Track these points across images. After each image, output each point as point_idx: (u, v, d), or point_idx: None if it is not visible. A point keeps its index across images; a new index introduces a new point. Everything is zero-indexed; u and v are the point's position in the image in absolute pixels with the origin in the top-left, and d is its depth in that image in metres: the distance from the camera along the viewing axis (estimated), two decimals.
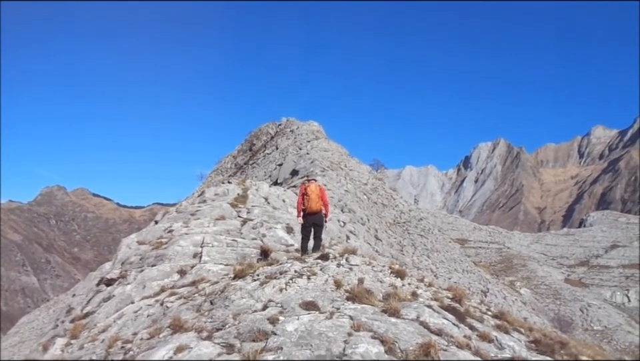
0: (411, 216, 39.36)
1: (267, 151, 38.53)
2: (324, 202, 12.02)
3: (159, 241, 12.66)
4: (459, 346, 7.34)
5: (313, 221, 11.88)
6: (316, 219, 11.91)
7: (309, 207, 11.69)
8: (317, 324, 7.43)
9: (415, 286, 10.25)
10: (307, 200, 11.71)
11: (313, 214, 11.82)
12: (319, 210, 11.84)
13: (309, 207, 11.70)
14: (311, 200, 11.70)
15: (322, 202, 11.91)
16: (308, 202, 11.69)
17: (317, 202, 11.77)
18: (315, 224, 11.93)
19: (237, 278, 9.63)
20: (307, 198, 11.72)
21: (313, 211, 11.78)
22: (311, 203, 11.69)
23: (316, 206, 11.76)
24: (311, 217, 11.83)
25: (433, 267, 32.48)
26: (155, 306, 9.76)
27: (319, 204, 11.84)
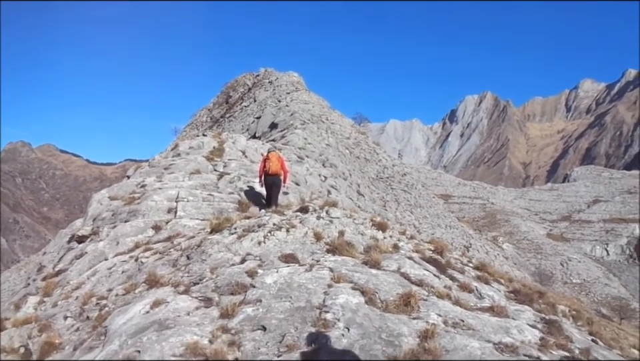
0: (394, 171, 39.35)
1: (244, 104, 37.61)
2: (283, 169, 13.42)
3: (132, 196, 12.26)
4: (440, 295, 7.28)
5: (271, 182, 13.10)
6: (274, 180, 13.13)
7: (269, 168, 12.98)
8: (297, 276, 7.29)
9: (397, 239, 10.15)
10: (268, 163, 13.01)
11: (272, 176, 13.05)
12: (277, 172, 13.11)
13: (269, 168, 12.99)
14: (271, 162, 13.03)
15: (281, 168, 13.28)
16: (268, 165, 12.99)
17: (276, 165, 13.12)
18: (273, 184, 13.13)
19: (213, 232, 9.39)
20: (268, 161, 13.03)
21: (272, 172, 13.03)
22: (270, 165, 12.99)
23: (274, 168, 13.08)
24: (269, 178, 13.06)
25: (416, 223, 32.73)
26: (129, 262, 9.50)
27: (278, 167, 13.17)
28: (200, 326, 6.22)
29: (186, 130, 44.16)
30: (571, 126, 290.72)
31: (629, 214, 77.46)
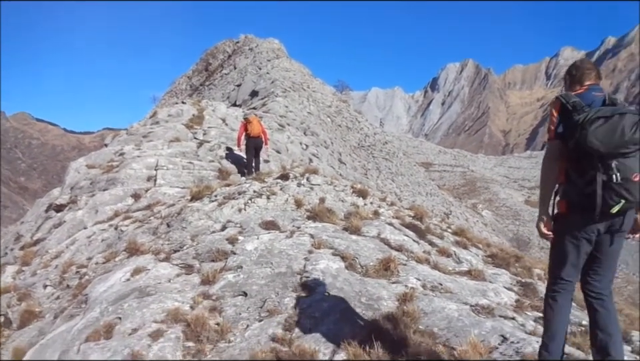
0: (375, 140, 39.34)
1: (224, 71, 36.94)
2: (264, 132, 13.54)
3: (110, 165, 12.09)
4: (419, 260, 7.39)
5: (254, 144, 13.24)
6: (257, 143, 13.27)
7: (252, 131, 13.11)
8: (277, 243, 7.34)
9: (377, 205, 10.22)
10: (250, 126, 13.13)
11: (255, 138, 13.19)
12: (259, 134, 13.28)
13: (251, 131, 13.11)
14: (253, 125, 13.17)
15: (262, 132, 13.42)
16: (250, 128, 13.10)
17: (257, 127, 13.29)
18: (256, 147, 13.28)
19: (194, 199, 9.35)
20: (250, 125, 13.16)
21: (255, 135, 13.18)
22: (252, 127, 13.12)
23: (257, 130, 13.25)
24: (252, 140, 13.18)
25: (397, 190, 32.94)
26: (109, 230, 9.43)
27: (260, 130, 13.34)
28: (181, 293, 6.24)
29: (165, 98, 43.35)
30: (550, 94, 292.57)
31: None
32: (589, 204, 2.92)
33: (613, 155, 2.83)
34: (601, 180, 2.84)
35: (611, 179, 2.82)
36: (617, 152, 2.82)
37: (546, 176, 3.23)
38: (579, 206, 3.02)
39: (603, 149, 2.82)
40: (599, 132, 2.82)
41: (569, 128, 3.01)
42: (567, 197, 3.12)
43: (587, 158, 2.91)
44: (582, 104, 3.03)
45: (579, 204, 3.01)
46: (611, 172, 2.82)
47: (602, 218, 2.96)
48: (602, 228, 3.04)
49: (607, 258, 3.18)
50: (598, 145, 2.83)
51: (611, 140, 2.81)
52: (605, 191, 2.85)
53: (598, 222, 2.99)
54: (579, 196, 2.99)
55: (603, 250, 3.15)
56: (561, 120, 3.11)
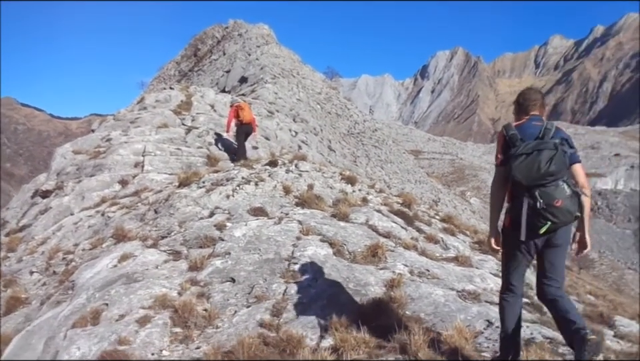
0: (365, 127, 39.29)
1: (213, 57, 36.54)
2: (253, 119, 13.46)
3: (97, 150, 11.96)
4: (406, 247, 7.43)
5: (246, 130, 13.16)
6: (248, 129, 13.22)
7: (244, 117, 12.96)
8: (266, 229, 7.34)
9: (366, 192, 10.23)
10: (242, 112, 12.97)
11: (247, 125, 13.10)
12: (250, 121, 13.20)
13: (243, 117, 12.95)
14: (245, 111, 13.05)
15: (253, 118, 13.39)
16: (242, 114, 12.95)
17: (250, 114, 13.25)
18: (247, 133, 13.24)
19: (181, 186, 9.30)
20: (242, 111, 12.98)
21: (247, 121, 13.07)
22: (245, 114, 12.99)
23: (249, 117, 13.17)
24: (245, 126, 13.07)
25: (386, 178, 33.01)
26: (95, 216, 9.37)
27: (252, 116, 13.33)
28: (169, 279, 6.23)
29: (153, 84, 42.84)
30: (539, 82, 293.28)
31: (591, 169, 79.82)
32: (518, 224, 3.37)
33: (535, 185, 3.30)
34: (527, 205, 3.32)
35: (536, 205, 3.28)
36: (536, 183, 3.29)
37: (493, 198, 3.74)
38: (513, 224, 3.45)
39: (524, 182, 3.31)
40: (520, 168, 3.32)
41: (507, 159, 3.47)
42: (511, 214, 3.51)
43: (518, 186, 3.40)
44: (516, 138, 3.46)
45: (513, 222, 3.45)
46: (535, 199, 3.28)
47: (535, 236, 3.40)
48: (539, 242, 3.47)
49: (553, 267, 3.55)
50: (520, 178, 3.32)
51: (530, 174, 3.29)
52: (534, 214, 3.31)
53: (532, 238, 3.42)
54: (517, 215, 3.42)
55: (547, 261, 3.54)
56: (503, 150, 3.58)
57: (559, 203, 3.27)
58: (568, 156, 3.41)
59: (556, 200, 3.27)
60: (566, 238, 3.49)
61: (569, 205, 3.31)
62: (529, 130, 3.53)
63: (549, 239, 3.45)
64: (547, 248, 3.49)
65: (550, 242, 3.47)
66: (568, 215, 3.33)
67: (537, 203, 3.28)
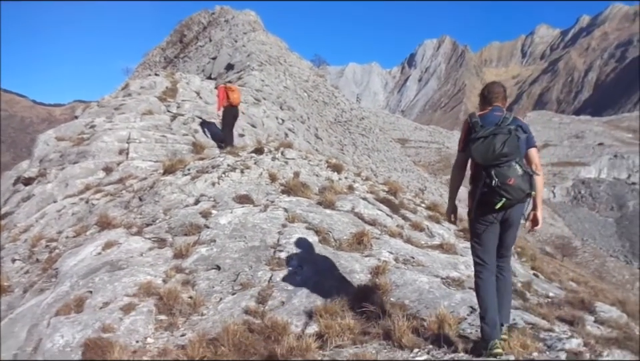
0: (352, 115, 39.24)
1: (199, 43, 36.09)
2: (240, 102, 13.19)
3: (80, 137, 11.79)
4: (392, 234, 7.47)
5: (235, 112, 12.86)
6: (236, 112, 12.92)
7: (234, 99, 12.61)
8: (251, 217, 7.32)
9: (352, 180, 10.25)
10: (232, 94, 12.62)
11: (235, 107, 12.78)
12: (238, 103, 12.90)
13: (234, 100, 12.60)
14: (235, 93, 12.69)
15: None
16: (233, 96, 12.59)
17: (239, 96, 12.87)
18: (235, 116, 12.93)
19: (166, 173, 9.22)
20: (231, 93, 12.63)
21: (236, 104, 12.75)
22: (235, 95, 12.64)
23: (239, 100, 12.84)
24: (233, 109, 12.74)
25: (373, 166, 33.08)
26: (79, 204, 9.26)
27: (240, 99, 12.99)
28: (153, 266, 6.21)
29: (138, 71, 42.26)
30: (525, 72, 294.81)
31: (576, 158, 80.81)
32: (480, 202, 3.77)
33: (491, 165, 3.66)
34: (484, 184, 3.68)
35: (492, 183, 3.64)
36: (492, 164, 3.66)
37: (453, 179, 4.34)
38: (478, 203, 3.82)
39: (481, 162, 3.69)
40: (479, 149, 3.69)
41: (467, 144, 3.89)
42: (473, 195, 3.89)
43: (478, 167, 3.77)
44: (478, 124, 3.85)
45: (479, 201, 3.80)
46: (492, 178, 3.64)
47: (492, 211, 3.75)
48: (499, 217, 3.83)
49: (505, 242, 4.00)
50: (478, 159, 3.71)
51: (486, 155, 3.66)
52: (490, 191, 3.67)
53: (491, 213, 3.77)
54: (478, 195, 3.80)
55: (501, 237, 3.96)
56: (465, 136, 3.99)
57: (512, 181, 3.63)
58: (523, 141, 3.80)
59: (509, 179, 3.63)
60: (518, 217, 3.90)
61: (520, 183, 3.67)
62: (490, 119, 3.90)
63: (504, 219, 3.84)
64: (503, 225, 3.89)
65: (505, 221, 3.87)
66: (520, 192, 3.69)
67: (493, 181, 3.64)
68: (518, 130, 3.78)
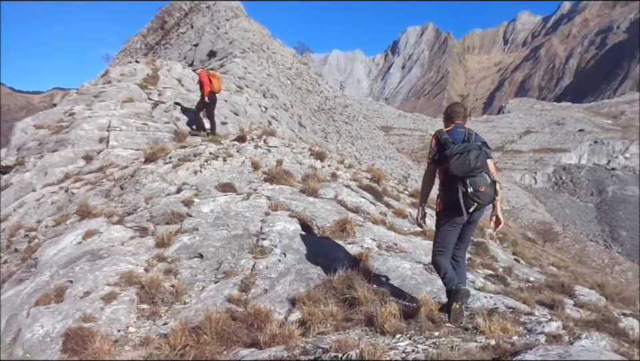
0: (336, 103, 39.14)
1: (180, 30, 35.55)
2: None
3: (59, 125, 11.57)
4: (375, 221, 7.49)
5: (215, 99, 12.64)
6: (216, 99, 12.71)
7: (216, 86, 12.39)
8: (234, 205, 7.29)
9: (335, 168, 10.25)
10: (214, 80, 12.36)
11: (216, 94, 12.61)
12: (220, 90, 12.75)
13: (216, 86, 12.38)
14: (217, 80, 12.47)
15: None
16: (214, 82, 12.35)
17: (220, 83, 12.70)
18: (215, 102, 12.70)
19: (148, 161, 9.13)
20: (214, 78, 12.37)
21: (218, 90, 12.58)
22: (217, 82, 12.43)
23: (220, 87, 12.70)
24: (214, 96, 12.50)
25: (356, 154, 33.11)
26: (59, 193, 9.13)
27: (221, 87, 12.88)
28: (135, 255, 6.16)
29: (119, 57, 41.53)
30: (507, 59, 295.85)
31: (557, 144, 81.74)
32: (455, 205, 4.35)
33: (467, 176, 4.29)
34: (461, 192, 4.30)
35: (467, 191, 4.29)
36: (468, 175, 4.29)
37: (424, 186, 4.88)
38: (449, 206, 4.45)
39: (459, 174, 4.30)
40: (456, 164, 4.29)
41: (441, 157, 4.47)
42: (443, 200, 4.55)
43: (453, 178, 4.36)
44: (449, 141, 4.48)
45: (450, 205, 4.43)
46: (467, 186, 4.29)
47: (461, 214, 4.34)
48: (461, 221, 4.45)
49: (466, 237, 4.72)
50: (456, 172, 4.30)
51: (463, 168, 4.28)
52: (465, 198, 4.30)
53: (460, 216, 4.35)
54: (450, 200, 4.43)
55: (463, 233, 4.63)
56: (437, 150, 4.57)
57: (483, 189, 4.32)
58: (487, 155, 4.46)
59: (481, 187, 4.32)
60: (479, 218, 4.63)
61: (489, 191, 4.38)
62: (456, 135, 4.56)
63: (469, 221, 4.49)
64: (467, 224, 4.54)
65: (469, 222, 4.52)
66: (489, 198, 4.40)
67: (468, 189, 4.29)
68: (483, 146, 4.46)
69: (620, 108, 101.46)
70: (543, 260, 11.46)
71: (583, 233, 62.29)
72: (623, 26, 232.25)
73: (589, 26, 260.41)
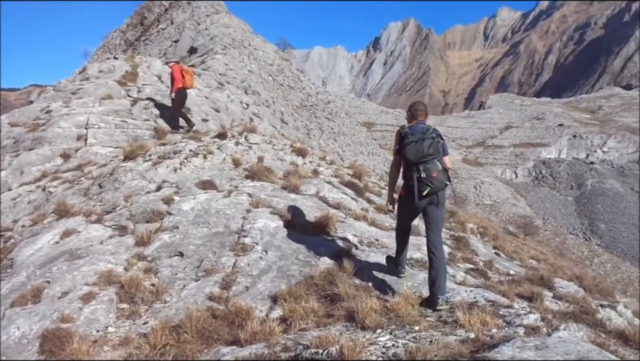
0: (318, 99, 39.13)
1: (160, 26, 35.12)
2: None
3: (36, 123, 11.34)
4: (356, 217, 7.50)
5: (185, 95, 12.51)
6: (186, 94, 12.59)
7: (188, 82, 12.27)
8: (215, 202, 7.25)
9: (317, 164, 10.23)
10: (187, 76, 12.28)
11: (187, 89, 12.49)
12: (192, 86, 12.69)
13: (188, 82, 12.27)
14: (191, 76, 12.41)
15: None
16: (187, 78, 12.24)
17: (193, 80, 12.60)
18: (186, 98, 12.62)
19: (127, 159, 9.02)
20: (186, 74, 12.28)
21: (190, 86, 12.49)
22: (190, 78, 12.32)
23: (193, 82, 12.62)
24: (184, 91, 12.38)
25: (339, 150, 33.17)
26: (36, 192, 8.97)
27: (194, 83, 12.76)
28: (114, 255, 6.08)
29: (98, 54, 40.87)
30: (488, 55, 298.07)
31: (537, 139, 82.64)
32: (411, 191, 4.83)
33: (421, 162, 4.77)
34: (415, 177, 4.78)
35: (421, 176, 4.75)
36: (421, 161, 4.77)
37: (391, 176, 5.37)
38: (409, 192, 4.88)
39: (414, 160, 4.79)
40: (412, 150, 4.80)
41: (401, 148, 4.93)
42: (404, 187, 5.03)
43: (409, 165, 4.86)
44: (408, 133, 4.97)
45: (409, 191, 4.88)
46: (420, 172, 4.76)
47: (422, 198, 4.82)
48: (425, 202, 4.88)
49: (434, 221, 4.97)
50: (411, 158, 4.79)
51: (417, 154, 4.77)
52: (419, 183, 4.76)
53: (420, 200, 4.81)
54: (408, 186, 4.91)
55: (431, 217, 4.95)
56: (399, 142, 5.04)
57: (435, 175, 4.77)
58: (441, 145, 4.95)
59: (433, 172, 4.76)
60: (443, 200, 4.99)
61: (441, 176, 4.81)
62: (417, 129, 5.02)
63: (430, 201, 4.89)
64: (429, 206, 4.91)
65: (431, 202, 4.90)
66: (441, 183, 4.81)
67: (421, 175, 4.75)
68: (437, 137, 4.93)
69: (598, 103, 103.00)
70: (523, 254, 11.60)
71: (563, 226, 63.10)
72: (600, 22, 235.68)
73: (567, 22, 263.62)
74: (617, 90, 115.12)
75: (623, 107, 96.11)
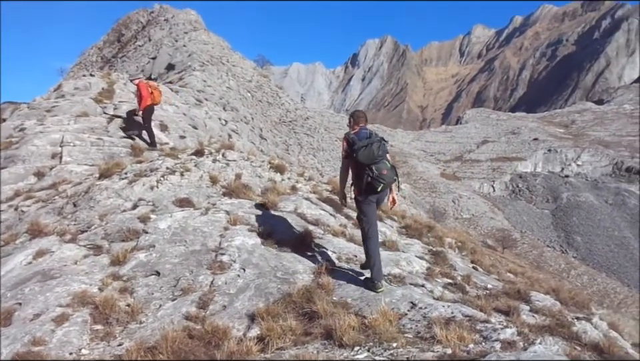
0: (297, 115, 39.31)
1: (138, 43, 35.02)
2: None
3: (9, 141, 11.14)
4: (335, 233, 7.51)
5: (152, 111, 12.40)
6: (153, 110, 12.51)
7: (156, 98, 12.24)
8: (192, 220, 7.19)
9: (295, 180, 10.24)
10: (155, 92, 12.19)
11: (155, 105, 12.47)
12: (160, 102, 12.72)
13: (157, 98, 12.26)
14: (157, 92, 12.31)
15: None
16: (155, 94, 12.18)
17: (161, 95, 12.59)
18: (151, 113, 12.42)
19: (102, 177, 8.91)
20: (155, 90, 12.21)
21: (158, 102, 12.50)
22: (158, 94, 12.29)
23: (161, 98, 12.58)
24: (152, 108, 12.30)
25: (318, 165, 33.26)
26: (8, 211, 8.79)
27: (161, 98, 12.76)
28: (89, 275, 5.98)
29: (74, 71, 40.52)
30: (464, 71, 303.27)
31: (513, 153, 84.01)
32: (367, 187, 5.51)
33: (372, 163, 5.45)
34: (368, 176, 5.44)
35: (373, 174, 5.43)
36: (373, 162, 5.45)
37: (341, 178, 6.06)
38: (362, 190, 5.58)
39: (366, 162, 5.45)
40: (364, 154, 5.44)
41: (352, 152, 5.54)
42: (357, 186, 5.68)
43: (361, 166, 5.50)
44: (355, 139, 5.57)
45: (362, 189, 5.57)
46: (373, 171, 5.43)
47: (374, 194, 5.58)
48: (374, 198, 5.68)
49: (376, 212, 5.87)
50: (363, 160, 5.45)
51: (369, 157, 5.44)
52: (373, 180, 5.43)
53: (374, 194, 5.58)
54: (362, 184, 5.53)
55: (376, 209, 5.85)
56: (348, 148, 5.61)
57: (385, 172, 5.49)
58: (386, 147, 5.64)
59: (383, 170, 5.48)
60: (384, 197, 5.87)
61: (390, 173, 5.56)
62: (362, 135, 5.66)
63: (379, 198, 5.73)
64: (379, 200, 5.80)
65: (379, 198, 5.75)
66: (391, 179, 5.57)
67: (374, 173, 5.42)
68: (382, 140, 5.62)
69: (571, 118, 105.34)
70: (501, 267, 11.69)
71: (540, 239, 63.91)
72: (572, 39, 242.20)
73: (540, 39, 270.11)
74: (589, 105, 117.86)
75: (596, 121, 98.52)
